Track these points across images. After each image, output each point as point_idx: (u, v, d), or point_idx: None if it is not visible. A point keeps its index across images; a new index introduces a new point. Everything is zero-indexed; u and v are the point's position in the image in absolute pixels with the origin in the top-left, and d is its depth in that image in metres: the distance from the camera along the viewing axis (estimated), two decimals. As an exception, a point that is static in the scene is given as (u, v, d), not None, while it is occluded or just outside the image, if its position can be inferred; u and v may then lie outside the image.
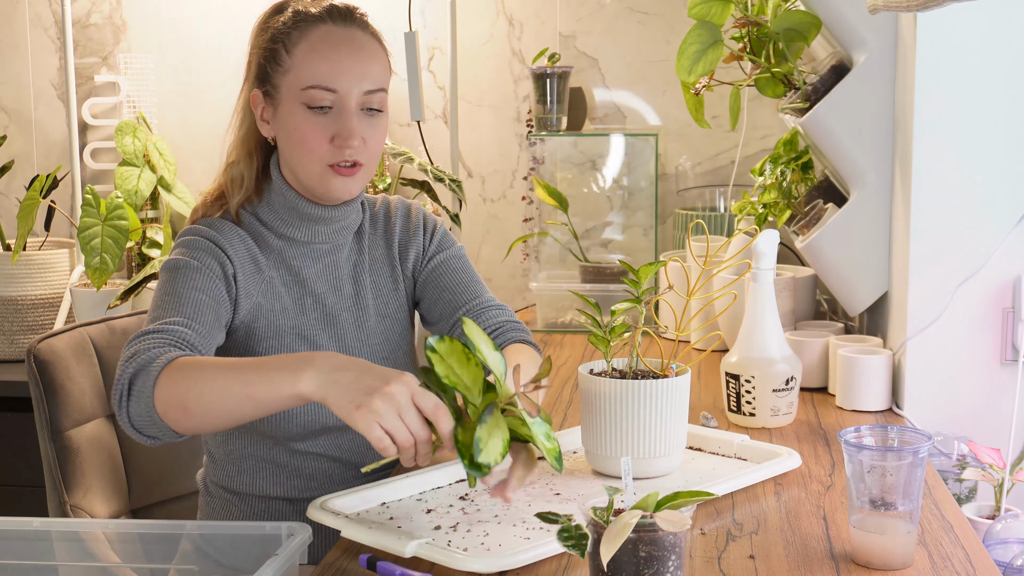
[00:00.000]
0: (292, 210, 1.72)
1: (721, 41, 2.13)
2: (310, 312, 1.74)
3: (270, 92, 1.69)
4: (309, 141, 1.65)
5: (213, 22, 3.09)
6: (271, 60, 1.67)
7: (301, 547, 1.37)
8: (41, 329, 2.89)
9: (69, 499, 1.89)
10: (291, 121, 1.66)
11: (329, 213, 1.73)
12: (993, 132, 1.96)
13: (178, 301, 1.60)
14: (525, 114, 3.04)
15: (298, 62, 1.65)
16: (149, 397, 1.46)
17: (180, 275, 1.64)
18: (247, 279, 1.69)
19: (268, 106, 1.70)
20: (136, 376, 1.48)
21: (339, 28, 1.67)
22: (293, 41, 1.66)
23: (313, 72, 1.64)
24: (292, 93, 1.65)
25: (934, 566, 1.37)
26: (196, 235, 1.69)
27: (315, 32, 1.66)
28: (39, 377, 1.92)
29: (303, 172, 1.68)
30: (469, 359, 1.34)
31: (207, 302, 1.62)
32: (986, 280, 1.97)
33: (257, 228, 1.74)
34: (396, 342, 1.82)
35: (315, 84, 1.64)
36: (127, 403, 1.49)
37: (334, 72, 1.64)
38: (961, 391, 2.00)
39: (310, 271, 1.75)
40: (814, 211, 2.21)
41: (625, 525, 1.16)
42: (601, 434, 1.63)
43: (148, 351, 1.50)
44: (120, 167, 2.95)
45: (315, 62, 1.64)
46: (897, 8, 1.62)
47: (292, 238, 1.74)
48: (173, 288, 1.62)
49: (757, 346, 1.92)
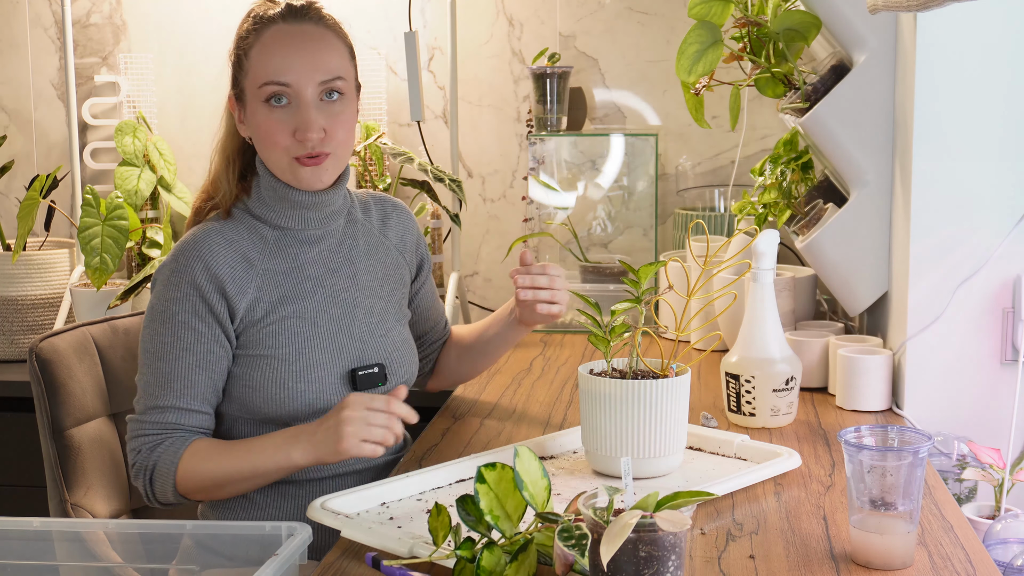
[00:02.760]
0: (282, 200, 1.79)
1: (721, 41, 2.13)
2: (310, 296, 1.80)
3: (240, 95, 1.78)
4: (272, 136, 1.73)
5: (213, 22, 3.09)
6: (236, 65, 1.78)
7: (301, 547, 1.37)
8: (41, 329, 2.89)
9: (70, 498, 1.89)
10: (255, 119, 1.75)
11: (315, 198, 1.79)
12: (993, 132, 1.96)
13: (169, 376, 1.73)
14: (525, 114, 3.04)
15: (254, 63, 1.74)
16: (169, 491, 1.71)
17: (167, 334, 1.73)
18: (237, 283, 1.75)
19: (239, 109, 1.79)
20: (154, 478, 1.71)
21: (290, 25, 1.75)
22: (250, 44, 1.76)
23: (266, 69, 1.72)
24: (253, 93, 1.74)
25: (934, 566, 1.37)
26: (178, 263, 1.75)
27: (267, 32, 1.75)
28: (41, 376, 1.92)
29: (274, 167, 1.77)
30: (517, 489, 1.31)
31: (195, 364, 1.73)
32: (986, 280, 1.97)
33: (251, 222, 1.80)
34: (392, 322, 1.88)
35: (268, 80, 1.72)
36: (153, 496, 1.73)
37: (284, 66, 1.72)
38: (961, 391, 2.00)
39: (306, 257, 1.81)
40: (814, 211, 2.21)
41: (625, 525, 1.16)
42: (601, 434, 1.63)
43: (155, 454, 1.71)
44: (120, 167, 2.95)
45: (266, 60, 1.73)
46: (897, 8, 1.62)
47: (285, 227, 1.80)
48: (163, 352, 1.73)
49: (757, 346, 1.92)
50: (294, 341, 1.76)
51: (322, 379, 1.76)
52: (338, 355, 1.79)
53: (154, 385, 1.73)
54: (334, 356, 1.78)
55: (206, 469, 1.69)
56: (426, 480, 1.63)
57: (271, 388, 1.74)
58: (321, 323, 1.79)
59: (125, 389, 2.04)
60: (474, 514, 1.30)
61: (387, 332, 1.86)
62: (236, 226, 1.78)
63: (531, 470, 1.30)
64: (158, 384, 1.73)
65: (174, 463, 1.69)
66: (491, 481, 1.30)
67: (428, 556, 1.34)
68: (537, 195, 2.83)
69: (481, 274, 3.12)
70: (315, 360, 1.77)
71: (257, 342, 1.75)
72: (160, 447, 1.71)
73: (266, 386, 1.74)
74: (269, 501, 1.78)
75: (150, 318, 1.75)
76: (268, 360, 1.75)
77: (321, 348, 1.78)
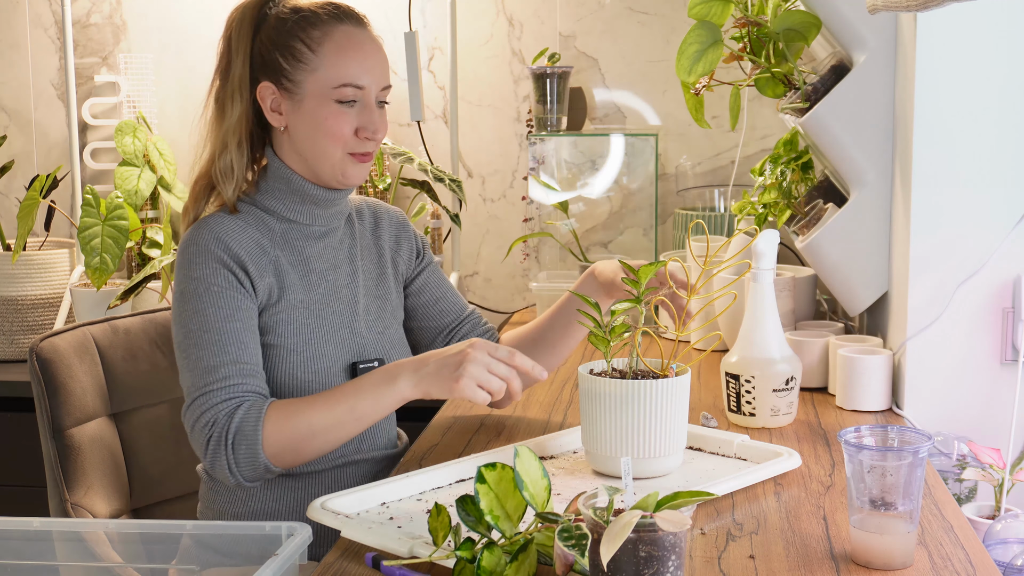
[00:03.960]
0: (295, 193, 1.80)
1: (721, 41, 2.13)
2: (314, 288, 1.81)
3: (288, 87, 1.77)
4: (336, 132, 1.76)
5: (213, 22, 3.09)
6: (291, 57, 1.76)
7: (301, 547, 1.38)
8: (41, 329, 2.89)
9: (70, 497, 1.90)
10: (320, 114, 1.76)
11: (330, 195, 1.82)
12: (993, 132, 1.96)
13: (220, 342, 1.69)
14: (525, 114, 3.04)
15: (327, 62, 1.75)
16: (258, 456, 1.64)
17: (207, 305, 1.71)
18: (257, 266, 1.76)
19: (284, 99, 1.77)
20: (237, 444, 1.64)
21: (357, 29, 1.79)
22: (316, 40, 1.76)
23: (344, 72, 1.75)
24: (322, 89, 1.75)
25: (934, 566, 1.37)
26: (198, 244, 1.74)
27: (338, 32, 1.77)
28: (41, 375, 1.92)
29: (325, 159, 1.77)
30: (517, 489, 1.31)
31: (243, 329, 1.71)
32: (986, 280, 1.97)
33: (257, 214, 1.81)
34: (388, 321, 1.91)
35: (348, 82, 1.75)
36: (237, 467, 1.65)
37: (362, 69, 1.77)
38: (961, 391, 2.00)
39: (311, 251, 1.83)
40: (814, 211, 2.21)
41: (625, 525, 1.16)
42: (601, 434, 1.63)
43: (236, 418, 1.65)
44: (120, 167, 2.95)
45: (345, 62, 1.76)
46: (897, 8, 1.62)
47: (292, 220, 1.82)
48: (207, 323, 1.70)
49: (757, 346, 1.92)
50: (301, 331, 1.78)
51: (327, 370, 1.78)
52: (341, 348, 1.80)
53: (209, 357, 1.68)
54: (337, 349, 1.80)
55: (296, 421, 1.64)
56: (426, 480, 1.63)
57: (278, 377, 1.76)
58: (325, 316, 1.81)
59: (125, 389, 2.04)
60: (474, 514, 1.30)
61: (384, 329, 1.89)
62: (244, 217, 1.79)
63: (531, 470, 1.30)
64: (213, 355, 1.68)
65: (258, 423, 1.64)
66: (491, 481, 1.30)
67: (428, 556, 1.34)
68: (537, 195, 2.83)
69: (481, 274, 3.12)
70: (320, 351, 1.78)
71: (267, 329, 1.77)
72: (239, 412, 1.65)
73: (273, 375, 1.76)
74: (269, 495, 1.78)
75: (183, 301, 1.72)
76: (276, 349, 1.76)
77: (325, 340, 1.79)
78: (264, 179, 1.81)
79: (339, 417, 1.65)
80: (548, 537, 1.30)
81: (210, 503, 1.83)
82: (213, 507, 1.82)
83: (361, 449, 1.84)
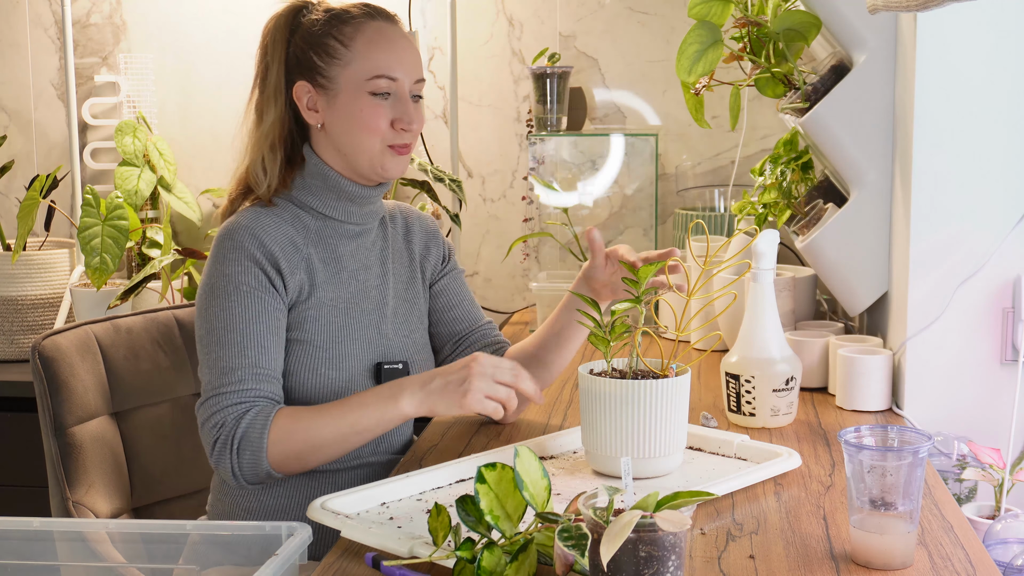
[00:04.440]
0: (332, 189, 1.83)
1: (721, 41, 2.13)
2: (345, 286, 1.83)
3: (323, 84, 1.79)
4: (373, 122, 1.78)
5: (213, 22, 3.09)
6: (325, 54, 1.79)
7: (301, 547, 1.37)
8: (41, 329, 2.89)
9: (71, 495, 1.90)
10: (355, 107, 1.78)
11: (367, 192, 1.84)
12: (993, 132, 1.96)
13: (242, 343, 1.71)
14: (525, 114, 3.04)
15: (360, 55, 1.79)
16: (261, 463, 1.66)
17: (235, 304, 1.72)
18: (290, 263, 1.77)
19: (319, 96, 1.80)
20: (242, 450, 1.66)
21: (388, 24, 1.83)
22: (349, 36, 1.79)
23: (376, 63, 1.78)
24: (356, 83, 1.78)
25: (934, 566, 1.37)
26: (233, 239, 1.75)
27: (370, 27, 1.81)
28: (43, 374, 1.92)
29: (363, 153, 1.80)
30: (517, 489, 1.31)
31: (267, 332, 1.73)
32: (986, 280, 1.97)
33: (293, 210, 1.83)
34: (415, 324, 1.93)
35: (380, 74, 1.78)
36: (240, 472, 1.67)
37: (394, 61, 1.80)
38: (961, 391, 2.00)
39: (344, 249, 1.85)
40: (814, 211, 2.21)
41: (625, 525, 1.16)
42: (601, 434, 1.63)
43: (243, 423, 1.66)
44: (120, 167, 2.95)
45: (377, 55, 1.79)
46: (897, 8, 1.62)
47: (328, 216, 1.84)
48: (231, 323, 1.72)
49: (757, 346, 1.92)
50: (329, 329, 1.79)
51: (352, 369, 1.79)
52: (368, 348, 1.82)
53: (229, 357, 1.70)
54: (364, 348, 1.81)
55: (300, 431, 1.66)
56: (426, 480, 1.63)
57: (303, 373, 1.77)
58: (354, 315, 1.82)
59: (127, 388, 2.04)
60: (474, 514, 1.30)
61: (410, 333, 1.90)
62: (280, 212, 1.81)
63: (531, 470, 1.30)
64: (233, 355, 1.70)
65: (264, 430, 1.66)
66: (491, 481, 1.30)
67: (428, 556, 1.34)
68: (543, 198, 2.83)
69: (481, 274, 3.12)
70: (347, 350, 1.79)
71: (296, 325, 1.78)
72: (246, 416, 1.67)
73: (299, 371, 1.77)
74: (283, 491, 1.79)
75: (210, 296, 1.74)
76: (303, 345, 1.77)
77: (352, 339, 1.80)
78: (301, 176, 1.83)
79: (342, 431, 1.68)
80: (548, 537, 1.30)
81: (222, 495, 1.83)
82: (226, 499, 1.82)
83: (377, 451, 1.84)
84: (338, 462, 1.80)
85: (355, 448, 1.72)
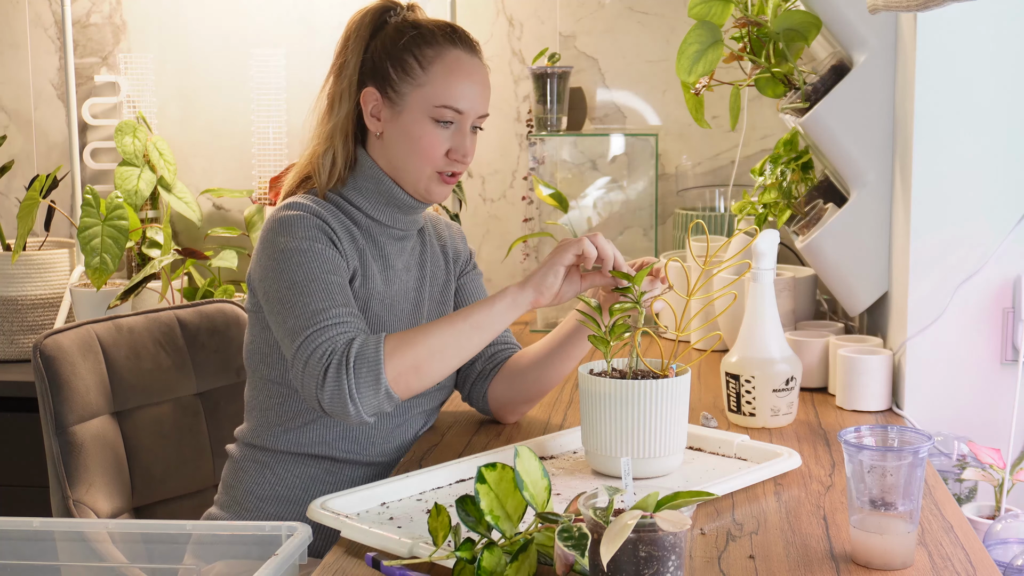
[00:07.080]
0: (383, 195, 1.84)
1: (721, 41, 2.13)
2: (391, 284, 1.86)
3: (392, 96, 1.80)
4: (429, 150, 1.80)
5: (213, 22, 3.09)
6: (400, 69, 1.80)
7: (301, 547, 1.38)
8: (41, 329, 2.89)
9: (72, 494, 1.90)
10: (416, 129, 1.80)
11: (412, 203, 1.86)
12: (993, 132, 1.96)
13: (327, 289, 1.71)
14: (525, 114, 3.04)
15: (434, 80, 1.79)
16: (380, 377, 1.63)
17: (311, 260, 1.73)
18: (347, 247, 1.79)
19: (385, 106, 1.81)
20: (358, 367, 1.63)
21: (468, 56, 1.83)
22: (428, 59, 1.80)
23: (448, 93, 1.79)
24: (423, 106, 1.79)
25: (934, 566, 1.37)
26: (300, 211, 1.77)
27: (450, 55, 1.81)
28: (45, 373, 1.93)
29: (412, 173, 1.82)
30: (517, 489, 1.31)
31: (345, 285, 1.74)
32: (986, 280, 1.97)
33: (344, 207, 1.84)
34: None
35: (448, 104, 1.79)
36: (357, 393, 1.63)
37: (465, 94, 1.80)
38: (961, 391, 2.00)
39: (390, 249, 1.88)
40: (814, 211, 2.21)
41: (625, 525, 1.16)
42: (601, 434, 1.63)
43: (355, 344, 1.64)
44: (120, 167, 2.95)
45: (450, 85, 1.79)
46: (897, 8, 1.62)
47: (376, 219, 1.85)
48: (312, 274, 1.72)
49: (757, 346, 1.92)
50: (371, 321, 1.80)
51: None
52: None
53: (318, 302, 1.69)
54: None
55: (417, 339, 1.66)
56: (426, 480, 1.63)
57: None
58: (394, 312, 1.85)
59: (129, 387, 2.04)
60: (474, 514, 1.30)
61: None
62: (332, 206, 1.83)
63: (531, 470, 1.30)
64: (322, 299, 1.69)
65: (379, 346, 1.64)
66: (491, 481, 1.31)
67: (428, 556, 1.34)
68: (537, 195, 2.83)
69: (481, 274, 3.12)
70: None
71: None
72: (356, 340, 1.65)
73: None
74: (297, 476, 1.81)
75: (284, 258, 1.72)
76: None
77: None
78: (354, 176, 1.85)
79: (459, 328, 1.68)
80: (548, 537, 1.30)
81: (234, 483, 1.84)
82: (239, 487, 1.83)
83: (378, 451, 1.84)
84: (358, 452, 1.80)
85: (472, 350, 1.70)
